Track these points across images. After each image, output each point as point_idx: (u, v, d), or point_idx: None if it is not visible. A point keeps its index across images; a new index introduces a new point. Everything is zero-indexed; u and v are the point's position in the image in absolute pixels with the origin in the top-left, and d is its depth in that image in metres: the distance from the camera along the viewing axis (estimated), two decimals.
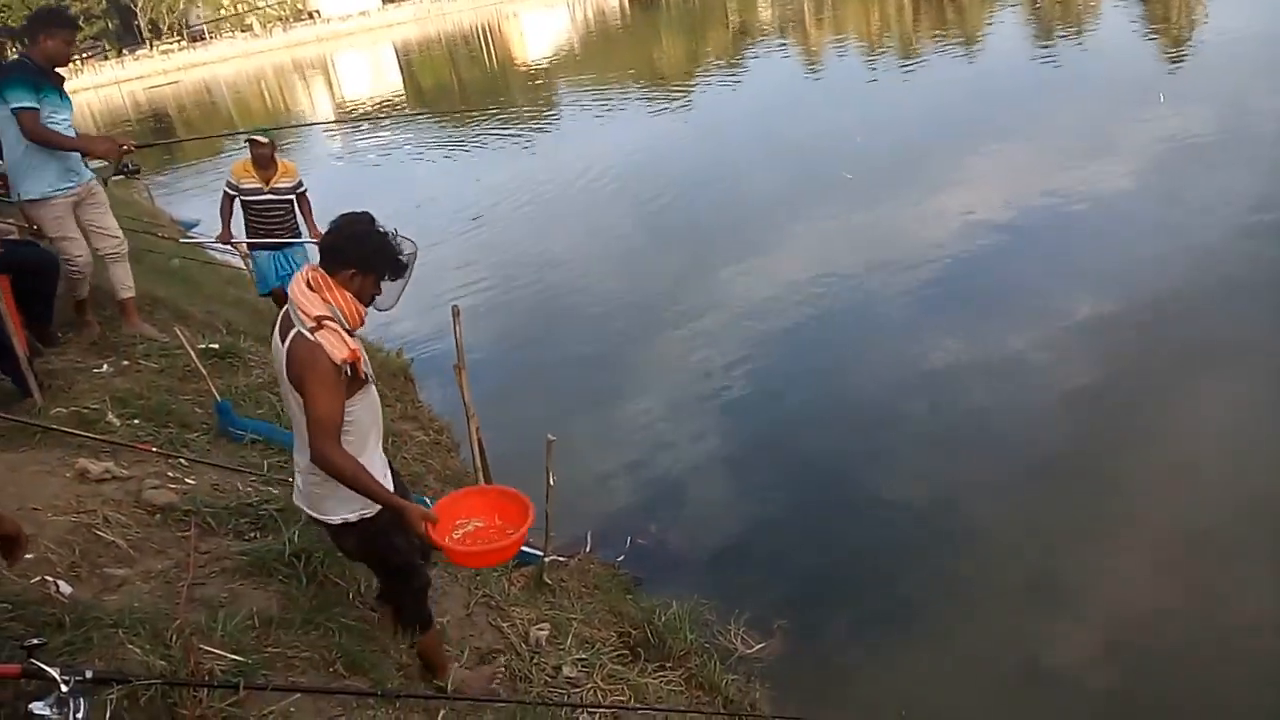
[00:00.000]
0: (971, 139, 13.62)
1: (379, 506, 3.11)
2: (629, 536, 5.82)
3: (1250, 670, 4.41)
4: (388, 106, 29.99)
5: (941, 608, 5.12)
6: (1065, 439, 6.31)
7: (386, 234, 3.12)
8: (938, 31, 26.09)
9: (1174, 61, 17.16)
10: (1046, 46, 20.90)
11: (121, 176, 7.25)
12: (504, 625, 4.62)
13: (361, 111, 29.82)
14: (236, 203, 7.23)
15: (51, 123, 5.22)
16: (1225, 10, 20.28)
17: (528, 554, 5.32)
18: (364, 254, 3.08)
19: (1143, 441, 6.20)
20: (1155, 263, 8.53)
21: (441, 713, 3.46)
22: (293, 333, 2.99)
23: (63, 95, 5.39)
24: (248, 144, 7.18)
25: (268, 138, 7.14)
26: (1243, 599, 4.80)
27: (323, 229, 3.32)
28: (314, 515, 3.27)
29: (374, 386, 3.24)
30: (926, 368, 7.45)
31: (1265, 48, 16.00)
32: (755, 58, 27.69)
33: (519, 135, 21.27)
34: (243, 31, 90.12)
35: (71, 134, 5.41)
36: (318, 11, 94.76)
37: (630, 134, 19.08)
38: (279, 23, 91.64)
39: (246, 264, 8.31)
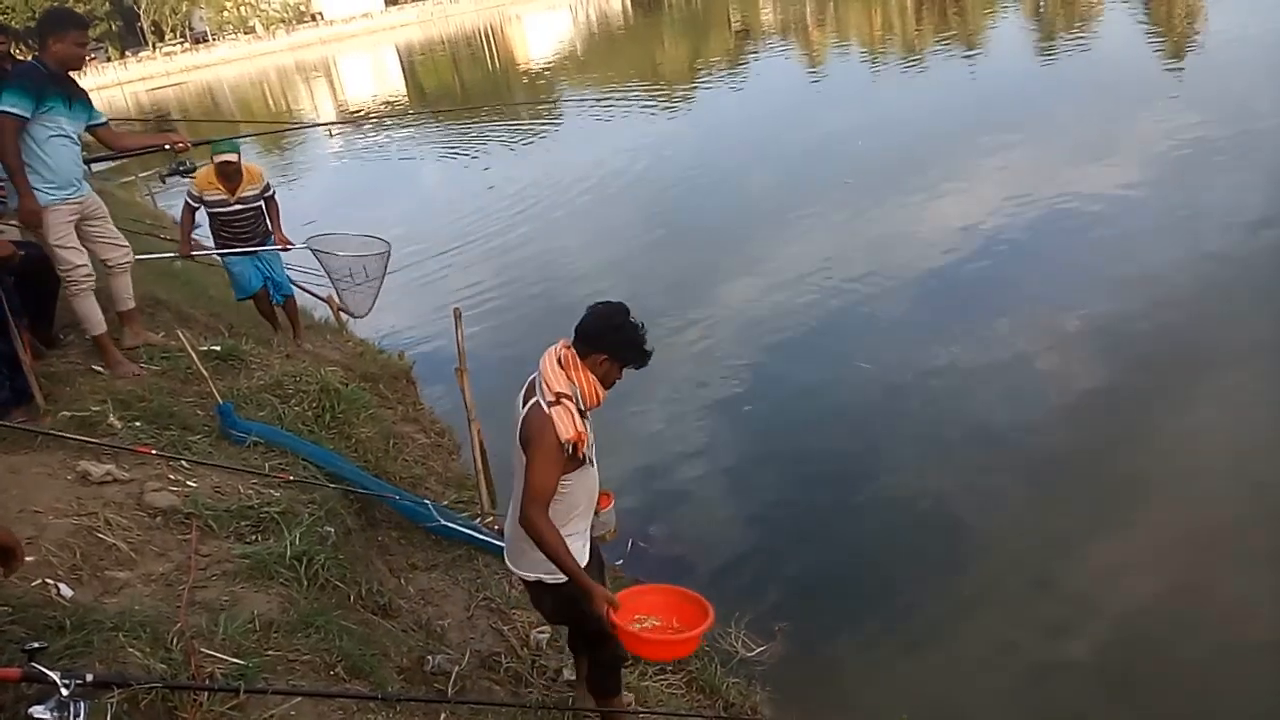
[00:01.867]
0: (973, 142, 13.59)
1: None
2: (629, 539, 5.82)
3: (1251, 672, 4.40)
4: (390, 107, 30.01)
5: (943, 609, 5.10)
6: (1066, 441, 6.30)
7: (639, 326, 3.41)
8: (940, 34, 26.07)
9: (1174, 62, 17.17)
10: (1049, 49, 20.89)
11: (178, 175, 7.23)
12: (505, 628, 4.63)
13: (364, 112, 29.83)
14: (201, 214, 6.98)
15: (51, 135, 5.06)
16: (1225, 13, 20.26)
17: None
18: (618, 344, 3.36)
19: (1144, 444, 6.19)
20: (1157, 265, 8.51)
21: (442, 716, 3.46)
22: (532, 401, 3.27)
23: (72, 104, 5.15)
24: (216, 164, 6.82)
25: (236, 154, 6.84)
26: (1244, 600, 4.79)
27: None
28: (514, 569, 3.53)
29: (595, 469, 3.47)
30: (927, 370, 7.44)
31: (1265, 50, 16.00)
32: (758, 60, 27.70)
33: (522, 137, 21.28)
34: (246, 34, 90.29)
35: (74, 147, 5.26)
36: (320, 14, 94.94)
37: (633, 136, 19.07)
38: (282, 25, 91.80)
39: None
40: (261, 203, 6.99)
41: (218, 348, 6.03)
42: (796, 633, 5.02)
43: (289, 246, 7.09)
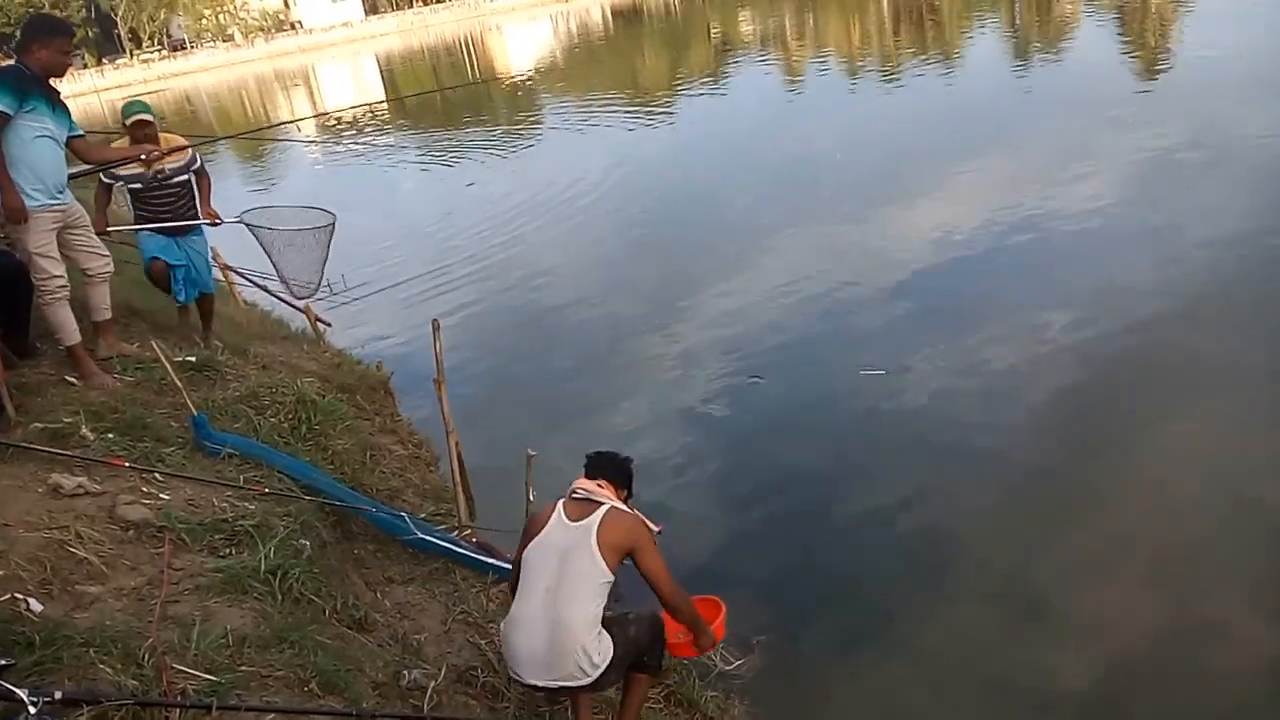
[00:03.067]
0: (949, 156, 13.73)
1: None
2: None
3: (1224, 687, 4.43)
4: (369, 116, 29.90)
5: (921, 622, 5.12)
6: (1042, 454, 6.34)
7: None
8: (917, 47, 26.30)
9: (1148, 80, 17.41)
10: (1024, 62, 21.16)
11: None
12: (482, 642, 4.60)
13: (344, 120, 29.72)
14: (120, 192, 6.50)
15: (36, 135, 5.02)
16: (1197, 28, 20.59)
17: (506, 568, 5.30)
18: (631, 481, 4.14)
19: (1119, 458, 6.24)
20: (1132, 279, 8.62)
21: None
22: (605, 508, 3.72)
23: (55, 108, 5.13)
24: (128, 127, 6.25)
25: (150, 115, 6.27)
26: (1216, 612, 4.83)
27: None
28: (545, 681, 3.64)
29: None
30: (906, 383, 7.48)
31: (1236, 67, 16.27)
32: (738, 72, 27.84)
33: (503, 147, 21.28)
34: (224, 41, 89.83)
35: (59, 151, 5.22)
36: (300, 22, 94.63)
37: (613, 147, 19.12)
38: (261, 33, 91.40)
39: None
40: (190, 177, 6.39)
41: (193, 358, 5.98)
42: (775, 645, 5.01)
43: (217, 221, 6.49)
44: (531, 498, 4.92)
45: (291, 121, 29.31)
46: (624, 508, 3.83)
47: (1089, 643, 4.77)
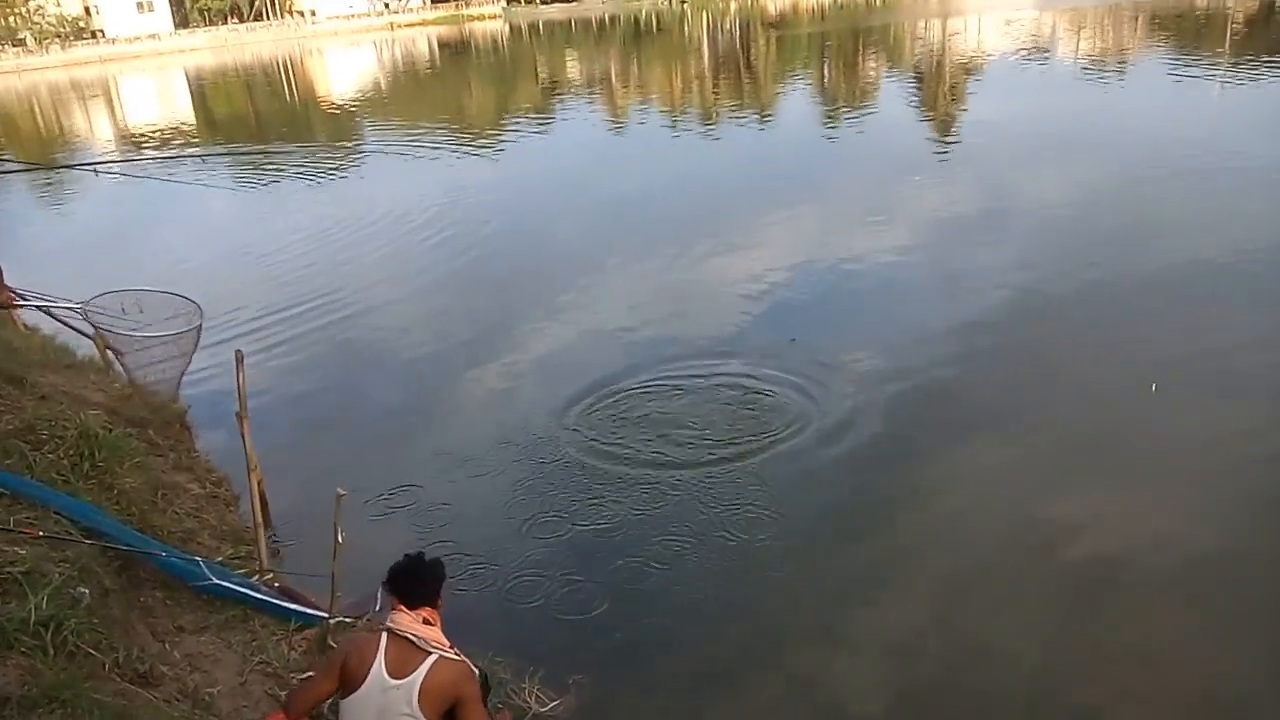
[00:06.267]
0: (761, 202, 14.63)
1: None
2: None
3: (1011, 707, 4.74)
4: (176, 135, 28.32)
5: (736, 656, 5.22)
6: (844, 495, 6.67)
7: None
8: (735, 100, 27.44)
9: (941, 143, 18.91)
10: (831, 120, 22.54)
11: None
12: (282, 695, 4.34)
13: (147, 140, 27.97)
14: None
15: None
16: (983, 98, 22.57)
17: (310, 615, 5.05)
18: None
19: (915, 496, 6.63)
20: (921, 320, 9.33)
21: None
22: (434, 658, 3.62)
23: None
24: None
25: None
26: (1004, 638, 5.18)
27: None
28: None
29: None
30: (718, 420, 7.66)
31: (1014, 132, 18.00)
32: (564, 112, 28.17)
33: (321, 175, 20.61)
34: (14, 45, 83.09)
35: None
36: (102, 31, 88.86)
37: (437, 179, 18.91)
38: (57, 40, 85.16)
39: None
40: None
41: None
42: (591, 685, 4.98)
43: (15, 304, 5.87)
44: (340, 539, 4.70)
45: (92, 165, 27.23)
46: (451, 656, 3.70)
47: (891, 669, 5.02)
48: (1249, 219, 11.65)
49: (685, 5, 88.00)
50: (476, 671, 3.78)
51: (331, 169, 21.15)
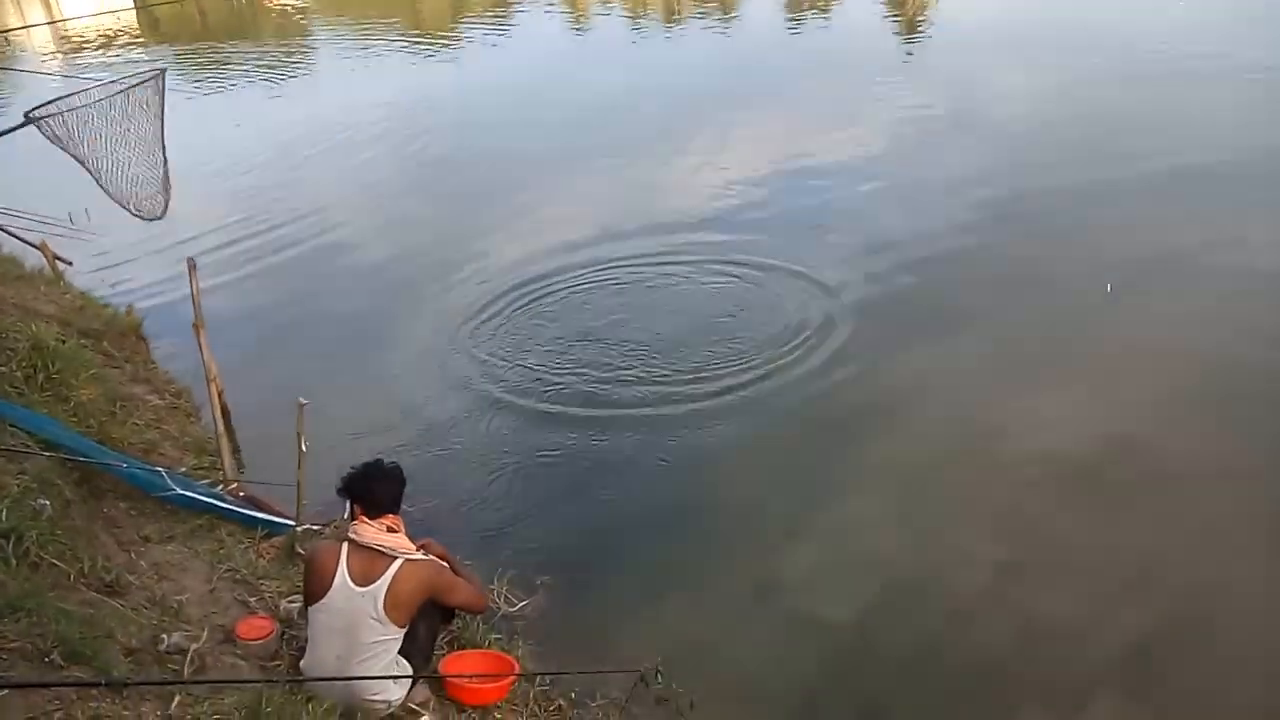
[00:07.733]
0: (724, 106, 14.39)
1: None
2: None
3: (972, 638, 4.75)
4: (117, 34, 27.07)
5: (700, 559, 5.31)
6: (807, 400, 6.70)
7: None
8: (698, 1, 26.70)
9: (909, 42, 18.67)
10: (796, 20, 22.14)
11: None
12: (251, 600, 4.39)
13: (85, 39, 26.69)
14: None
15: None
16: None
17: (278, 523, 5.06)
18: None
19: (878, 397, 6.70)
20: (883, 227, 9.37)
21: (176, 699, 3.23)
22: (399, 562, 3.59)
23: None
24: None
25: None
26: (970, 540, 5.28)
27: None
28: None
29: None
30: (687, 330, 7.64)
31: (988, 31, 17.76)
32: (522, 11, 27.25)
33: (272, 78, 19.91)
34: None
35: None
36: None
37: (393, 83, 18.32)
38: None
39: None
40: None
41: None
42: (559, 586, 5.07)
43: None
44: (304, 448, 4.68)
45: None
46: (417, 557, 3.68)
47: (853, 573, 5.12)
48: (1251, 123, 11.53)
49: None
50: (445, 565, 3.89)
51: (284, 73, 20.44)
